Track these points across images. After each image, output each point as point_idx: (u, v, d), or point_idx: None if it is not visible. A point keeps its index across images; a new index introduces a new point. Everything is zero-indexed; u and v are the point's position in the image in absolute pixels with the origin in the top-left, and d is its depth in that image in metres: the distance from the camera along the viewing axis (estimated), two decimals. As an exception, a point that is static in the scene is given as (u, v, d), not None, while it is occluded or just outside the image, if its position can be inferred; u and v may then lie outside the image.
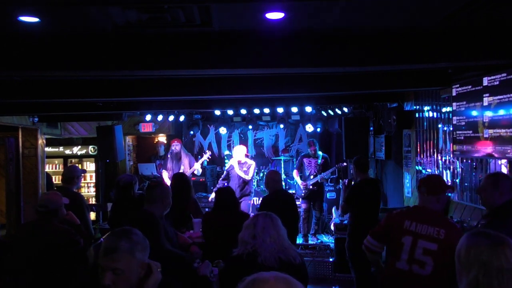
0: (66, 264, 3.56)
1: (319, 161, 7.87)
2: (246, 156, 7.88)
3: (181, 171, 7.65)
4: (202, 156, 8.58)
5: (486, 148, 4.56)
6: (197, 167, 8.10)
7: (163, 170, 8.17)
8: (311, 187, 7.75)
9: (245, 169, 7.56)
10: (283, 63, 4.04)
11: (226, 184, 7.62)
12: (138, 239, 2.08)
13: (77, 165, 9.40)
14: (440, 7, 3.21)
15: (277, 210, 3.07)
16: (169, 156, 8.18)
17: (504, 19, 3.51)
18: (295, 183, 8.06)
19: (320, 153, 7.96)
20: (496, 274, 1.70)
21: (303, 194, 7.80)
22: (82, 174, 5.20)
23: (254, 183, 8.39)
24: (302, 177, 7.93)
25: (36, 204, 3.75)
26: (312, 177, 7.79)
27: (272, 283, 1.29)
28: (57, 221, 3.69)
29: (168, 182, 7.49)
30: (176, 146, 8.08)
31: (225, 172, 7.98)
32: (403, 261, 3.05)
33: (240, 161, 7.60)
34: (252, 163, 7.66)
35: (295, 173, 7.98)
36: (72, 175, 4.93)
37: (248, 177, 7.51)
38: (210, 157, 9.08)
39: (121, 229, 2.12)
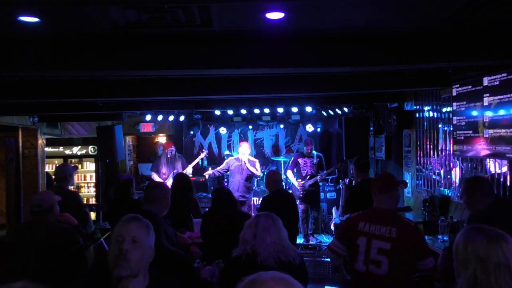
0: (66, 264, 3.55)
1: (314, 160, 7.84)
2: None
3: (173, 174, 7.66)
4: (201, 154, 8.56)
5: (486, 148, 4.55)
6: (189, 170, 8.01)
7: (153, 173, 7.93)
8: (308, 187, 7.72)
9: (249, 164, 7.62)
10: (283, 63, 4.04)
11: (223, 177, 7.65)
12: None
13: (70, 163, 9.30)
14: (440, 7, 3.20)
15: (278, 210, 3.07)
16: (163, 160, 8.00)
17: (504, 19, 3.51)
18: (292, 184, 8.01)
19: (314, 152, 7.94)
20: (494, 269, 1.71)
21: (300, 195, 7.70)
22: (75, 171, 5.18)
23: (254, 182, 8.38)
24: (299, 178, 7.84)
25: (31, 206, 3.74)
26: (308, 177, 7.73)
27: (270, 283, 1.29)
28: (53, 219, 3.68)
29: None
30: (172, 152, 7.99)
31: (225, 164, 7.85)
32: (360, 262, 3.08)
33: (248, 158, 7.60)
34: (257, 160, 7.72)
35: (289, 173, 7.90)
36: (65, 174, 4.87)
37: (259, 173, 7.67)
38: (207, 156, 9.05)
39: None
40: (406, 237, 2.99)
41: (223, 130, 9.65)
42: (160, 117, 8.75)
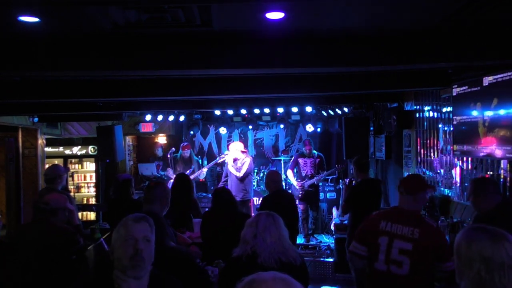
0: (66, 264, 3.55)
1: (315, 160, 7.83)
2: (244, 152, 7.79)
3: (188, 172, 7.86)
4: (219, 157, 8.70)
5: (486, 148, 4.55)
6: (204, 170, 8.34)
7: (169, 169, 8.29)
8: (307, 187, 7.71)
9: (239, 165, 7.51)
10: (283, 63, 4.04)
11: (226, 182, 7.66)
12: None
13: (61, 164, 9.27)
14: (440, 7, 3.21)
15: (278, 211, 3.06)
16: (181, 161, 8.34)
17: (504, 19, 3.51)
18: (292, 183, 8.00)
19: (314, 152, 7.93)
20: (498, 269, 1.71)
21: (300, 195, 7.69)
22: (66, 173, 5.12)
23: (254, 183, 8.36)
24: (298, 178, 7.86)
25: (37, 201, 3.72)
26: (308, 178, 7.73)
27: (270, 283, 1.29)
28: (56, 221, 3.67)
29: None
30: (187, 153, 8.37)
31: (224, 171, 7.95)
32: (381, 261, 3.04)
33: (236, 158, 7.55)
34: (247, 160, 7.53)
35: (289, 173, 7.89)
36: (54, 175, 4.81)
37: (239, 174, 7.45)
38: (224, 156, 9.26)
39: None
40: (429, 239, 2.95)
41: (223, 130, 9.65)
42: (160, 117, 8.76)
